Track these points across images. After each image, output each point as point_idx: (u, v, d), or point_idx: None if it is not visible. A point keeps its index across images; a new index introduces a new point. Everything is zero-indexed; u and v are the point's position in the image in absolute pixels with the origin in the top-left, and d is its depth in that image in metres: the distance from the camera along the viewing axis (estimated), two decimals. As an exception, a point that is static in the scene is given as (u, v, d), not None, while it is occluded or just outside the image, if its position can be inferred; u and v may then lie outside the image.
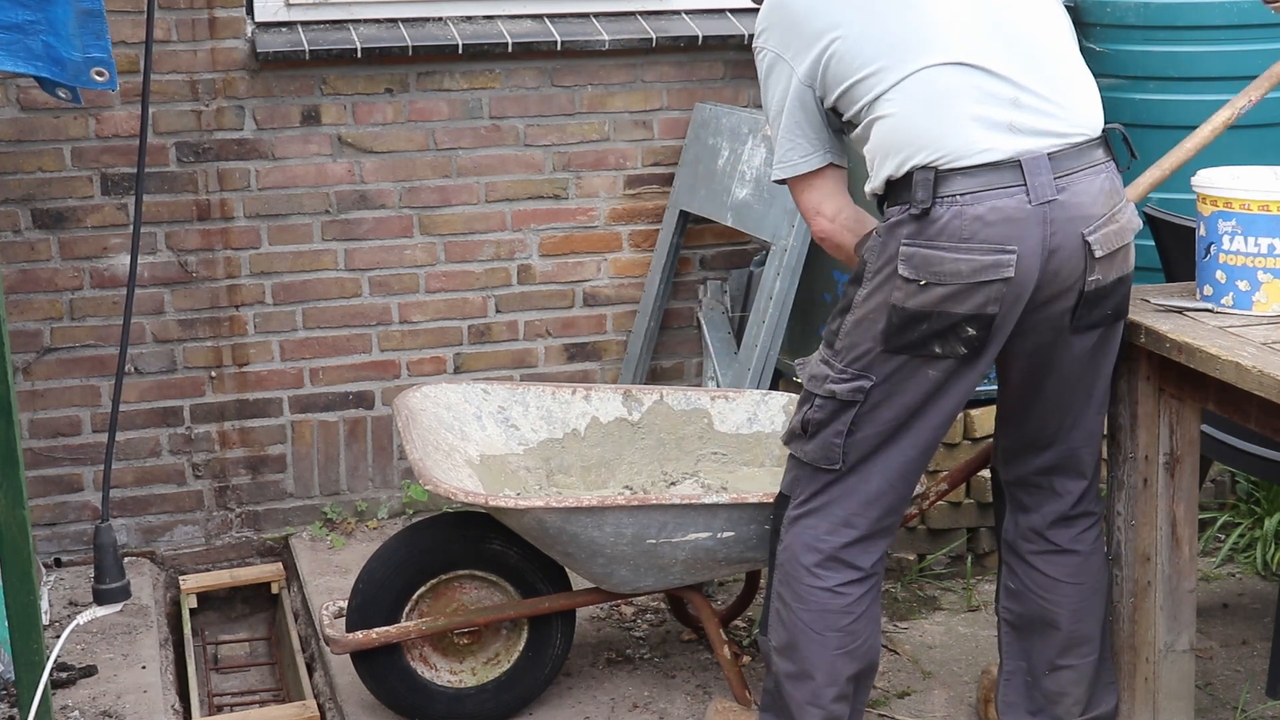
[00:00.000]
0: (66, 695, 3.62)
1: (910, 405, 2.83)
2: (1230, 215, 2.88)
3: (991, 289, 2.71)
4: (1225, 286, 2.92)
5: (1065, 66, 2.84)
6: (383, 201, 4.39)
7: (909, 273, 2.73)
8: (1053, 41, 2.84)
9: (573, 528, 3.24)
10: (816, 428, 2.89)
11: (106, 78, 2.90)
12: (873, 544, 2.95)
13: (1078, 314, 2.81)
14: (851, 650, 2.94)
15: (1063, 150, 2.75)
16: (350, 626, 3.42)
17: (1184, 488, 3.01)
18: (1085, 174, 2.76)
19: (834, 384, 2.85)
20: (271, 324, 4.38)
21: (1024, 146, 2.72)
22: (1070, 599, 3.06)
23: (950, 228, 2.70)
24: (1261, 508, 4.32)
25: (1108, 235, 2.78)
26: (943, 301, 2.72)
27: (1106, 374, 2.96)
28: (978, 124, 2.72)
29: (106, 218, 4.19)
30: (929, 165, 2.71)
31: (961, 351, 2.76)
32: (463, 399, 3.69)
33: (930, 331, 2.75)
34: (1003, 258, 2.70)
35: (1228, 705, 3.55)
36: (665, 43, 4.45)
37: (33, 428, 4.23)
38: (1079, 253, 2.75)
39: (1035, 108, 2.74)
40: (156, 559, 4.39)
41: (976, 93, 2.72)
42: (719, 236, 4.62)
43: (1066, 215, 2.73)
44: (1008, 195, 2.70)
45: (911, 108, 2.74)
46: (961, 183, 2.71)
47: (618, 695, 3.63)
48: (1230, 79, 4.06)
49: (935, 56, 2.74)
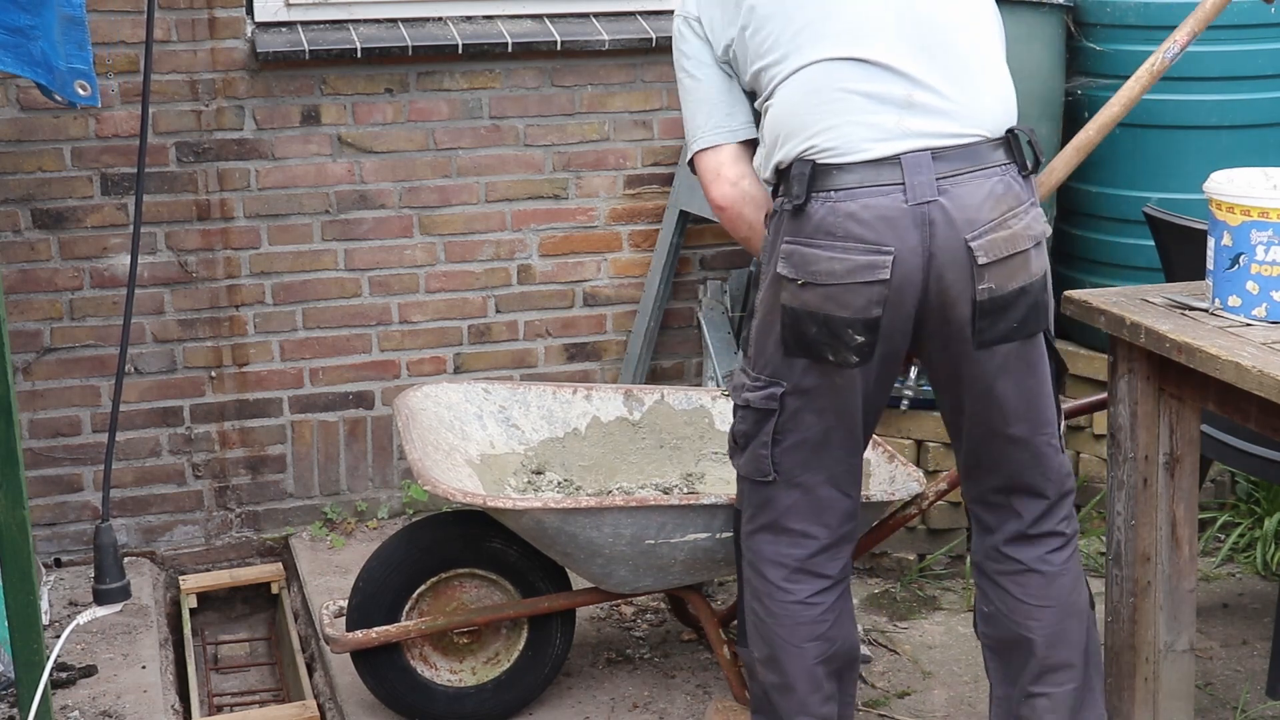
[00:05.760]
0: (66, 695, 3.62)
1: (827, 410, 2.76)
2: (1267, 225, 2.82)
3: (871, 291, 2.63)
4: (1258, 298, 2.83)
5: (973, 63, 2.72)
6: (383, 201, 4.39)
7: (788, 271, 2.68)
8: (965, 38, 2.73)
9: (571, 528, 3.24)
10: (745, 440, 2.84)
11: (89, 92, 2.88)
12: (837, 551, 2.90)
13: (977, 327, 2.69)
14: (830, 655, 2.91)
15: (950, 149, 2.65)
16: (350, 625, 3.42)
17: (1184, 488, 3.01)
18: (973, 176, 2.65)
19: (749, 392, 2.80)
20: (271, 324, 4.38)
21: (908, 146, 2.63)
22: (1042, 622, 2.92)
23: (825, 224, 2.64)
24: (1261, 508, 4.32)
25: (994, 242, 2.64)
26: (824, 303, 2.65)
27: (1037, 393, 2.80)
28: (863, 120, 2.64)
29: (106, 218, 4.19)
30: (806, 158, 2.66)
31: (853, 360, 2.69)
32: (463, 398, 3.69)
33: (819, 336, 2.68)
34: (878, 259, 2.62)
35: (1228, 705, 3.55)
36: (665, 42, 4.44)
37: (33, 428, 4.23)
38: (962, 258, 2.63)
39: (929, 106, 2.66)
40: (156, 559, 4.39)
41: (867, 88, 2.65)
42: (719, 236, 4.62)
43: (947, 218, 2.62)
44: (883, 194, 2.62)
45: (798, 99, 2.69)
46: (838, 178, 2.64)
47: (618, 695, 3.63)
48: (1230, 79, 4.07)
49: (830, 49, 2.67)
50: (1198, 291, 2.99)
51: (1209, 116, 4.09)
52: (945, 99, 2.67)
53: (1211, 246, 2.89)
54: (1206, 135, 4.10)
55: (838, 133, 2.65)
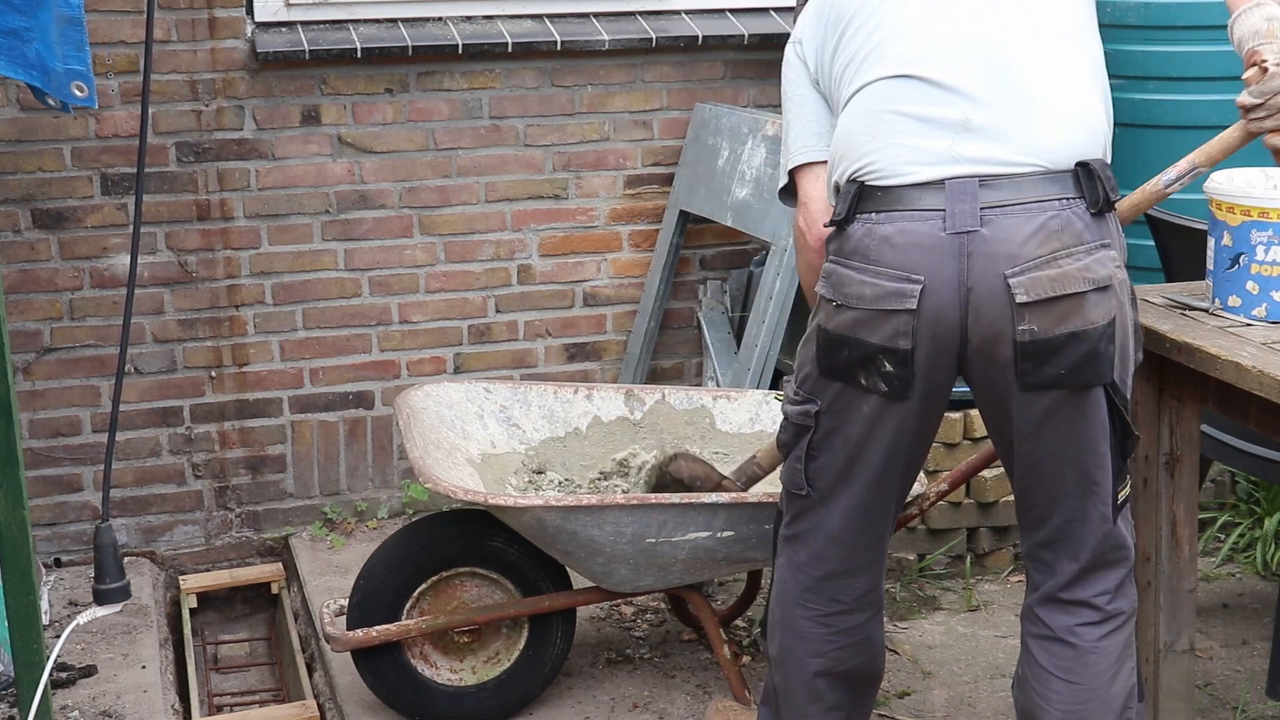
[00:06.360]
0: (66, 695, 3.62)
1: (853, 438, 2.65)
2: (1267, 225, 2.81)
3: (899, 320, 2.51)
4: (1258, 298, 2.82)
5: (1046, 89, 2.56)
6: (383, 201, 4.39)
7: (826, 290, 2.62)
8: (1042, 62, 2.58)
9: (572, 526, 3.24)
10: (785, 450, 2.81)
11: (86, 94, 2.87)
12: (852, 579, 2.80)
13: (1020, 368, 2.52)
14: (836, 673, 2.86)
15: (1001, 178, 2.50)
16: (351, 624, 3.42)
17: (1184, 488, 3.00)
18: (1024, 208, 2.49)
19: (790, 405, 2.77)
20: (271, 324, 4.38)
21: (957, 171, 2.50)
22: (1059, 700, 2.68)
23: (860, 246, 2.55)
24: (1261, 508, 4.32)
25: (1037, 280, 2.47)
26: (855, 327, 2.56)
27: (1087, 450, 2.60)
28: (912, 142, 2.54)
29: (106, 218, 4.20)
30: (855, 178, 2.59)
31: (882, 388, 2.57)
32: (465, 398, 3.69)
33: (852, 359, 2.58)
34: (906, 287, 2.50)
35: (1228, 705, 3.55)
36: (665, 43, 4.45)
37: (33, 428, 4.23)
38: (1001, 295, 2.48)
39: (987, 129, 2.52)
40: (156, 559, 4.39)
41: (921, 110, 2.55)
42: (719, 236, 4.62)
43: (987, 250, 2.47)
44: (920, 219, 2.50)
45: (853, 120, 2.62)
46: (880, 199, 2.54)
47: (618, 695, 3.63)
48: (1230, 79, 4.05)
49: (888, 68, 2.59)
50: (1198, 291, 2.98)
51: (1209, 116, 4.08)
52: (1006, 123, 2.52)
53: (1211, 246, 2.89)
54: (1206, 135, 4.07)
55: (885, 154, 2.56)
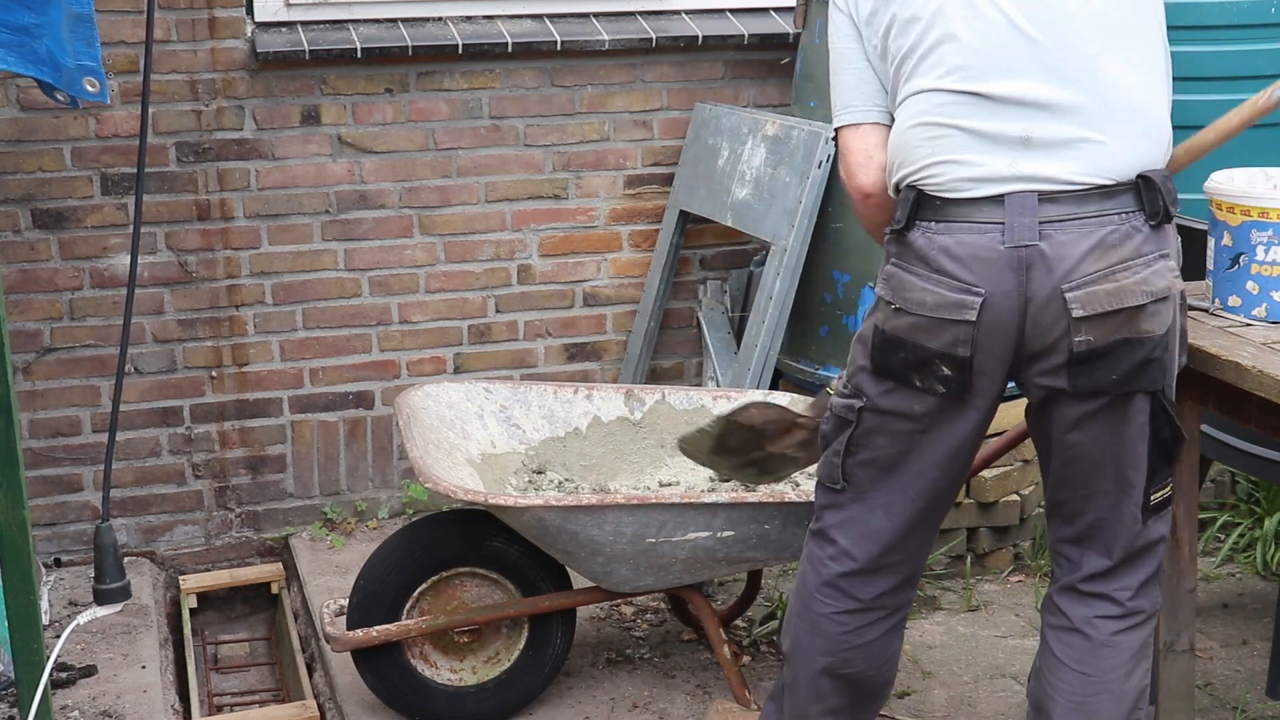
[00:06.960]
0: (66, 695, 3.62)
1: (901, 437, 2.67)
2: (1267, 225, 2.81)
3: (958, 330, 2.54)
4: (1258, 298, 2.83)
5: (1113, 99, 2.54)
6: (383, 201, 4.39)
7: (885, 293, 2.63)
8: (1110, 72, 2.54)
9: (572, 526, 3.24)
10: (824, 442, 2.81)
11: (97, 89, 2.88)
12: (874, 579, 2.79)
13: (1073, 373, 2.55)
14: (843, 674, 2.85)
15: (1062, 194, 2.50)
16: (351, 624, 3.42)
17: (1184, 488, 3.01)
18: (1083, 223, 2.50)
19: (836, 397, 2.77)
20: (271, 324, 4.38)
21: (1017, 188, 2.51)
22: (1069, 690, 2.72)
23: (921, 253, 2.57)
24: (1261, 508, 4.32)
25: (1094, 295, 2.50)
26: (913, 332, 2.58)
27: (1128, 451, 2.64)
28: (972, 159, 2.53)
29: (106, 218, 4.19)
30: (914, 185, 2.58)
31: (940, 390, 2.59)
32: (465, 397, 3.69)
33: (908, 361, 2.60)
34: (967, 298, 2.52)
35: (1228, 705, 3.55)
36: (665, 43, 4.45)
37: (33, 428, 4.23)
38: (1058, 308, 2.51)
39: (1048, 141, 2.51)
40: (156, 559, 4.39)
41: (981, 126, 2.53)
42: (719, 236, 4.62)
43: (1045, 264, 2.50)
44: (980, 232, 2.52)
45: (910, 126, 2.59)
46: (939, 210, 2.55)
47: (618, 695, 3.63)
48: (1230, 79, 4.07)
49: (947, 80, 2.55)
50: (1198, 291, 2.99)
51: (1209, 116, 4.08)
52: (1069, 134, 2.51)
53: (1211, 246, 2.89)
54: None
55: (944, 170, 2.55)
